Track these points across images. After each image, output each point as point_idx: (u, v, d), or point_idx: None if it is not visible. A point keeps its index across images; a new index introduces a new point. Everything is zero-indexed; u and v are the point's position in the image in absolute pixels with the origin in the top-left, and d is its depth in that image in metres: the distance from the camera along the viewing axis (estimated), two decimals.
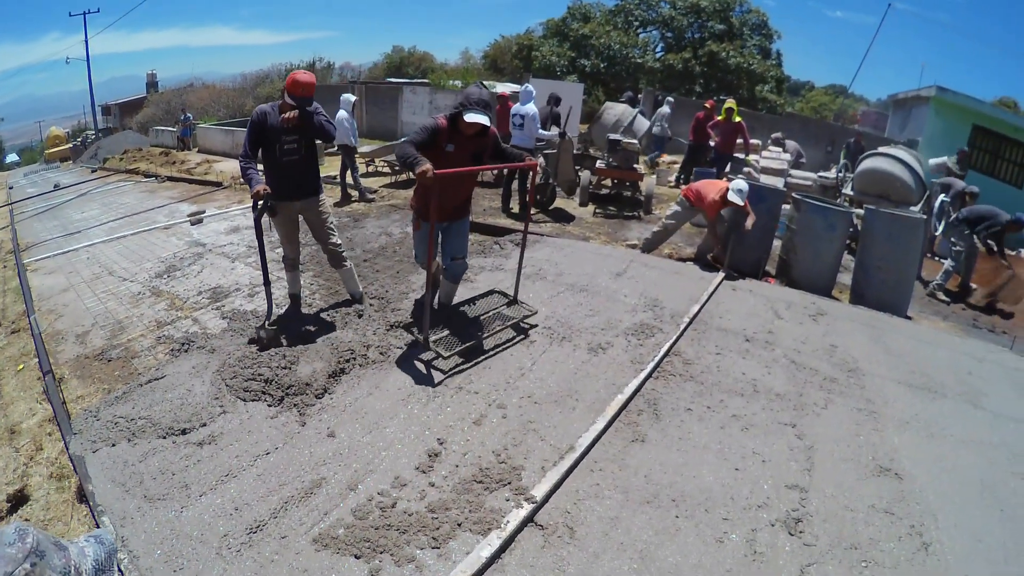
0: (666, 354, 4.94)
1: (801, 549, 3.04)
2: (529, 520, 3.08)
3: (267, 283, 4.94)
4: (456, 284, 5.26)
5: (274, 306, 5.06)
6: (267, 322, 4.89)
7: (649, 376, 4.58)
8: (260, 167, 4.72)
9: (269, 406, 3.98)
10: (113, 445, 3.61)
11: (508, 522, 3.00)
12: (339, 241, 5.33)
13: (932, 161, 11.47)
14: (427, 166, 3.95)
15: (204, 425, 3.78)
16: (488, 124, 4.31)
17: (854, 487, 3.57)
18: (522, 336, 5.09)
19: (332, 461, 3.44)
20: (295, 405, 3.99)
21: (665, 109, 15.24)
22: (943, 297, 8.41)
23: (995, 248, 8.53)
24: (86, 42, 34.53)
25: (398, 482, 3.29)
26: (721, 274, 7.09)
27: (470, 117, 4.23)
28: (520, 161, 4.88)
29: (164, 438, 3.66)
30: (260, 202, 4.54)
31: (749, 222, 7.02)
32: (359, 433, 3.71)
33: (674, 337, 5.23)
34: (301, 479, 3.29)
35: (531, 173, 5.05)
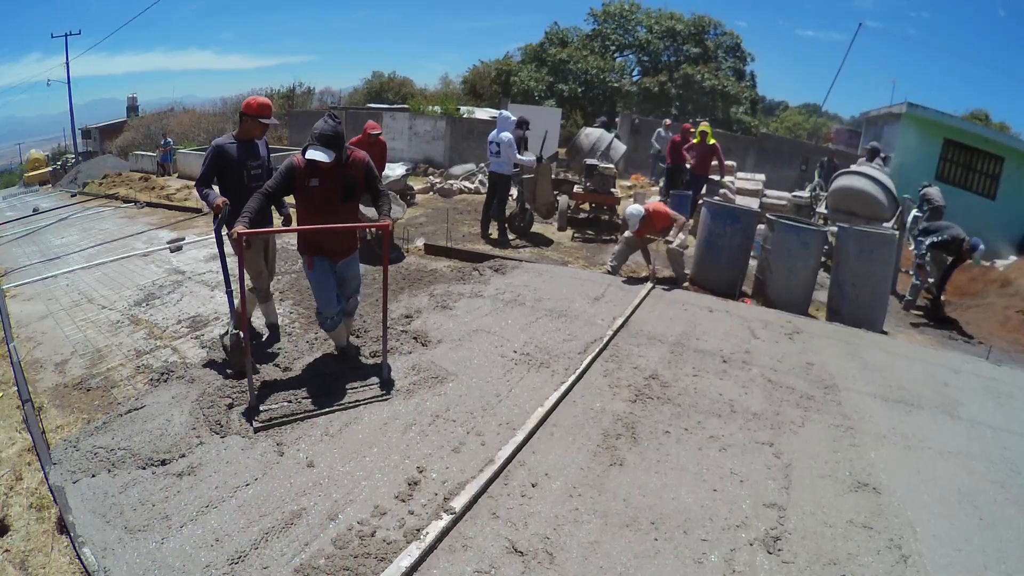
0: (595, 358, 4.98)
1: (780, 567, 3.05)
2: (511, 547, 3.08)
3: (229, 290, 4.98)
4: (350, 318, 5.17)
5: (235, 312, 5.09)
6: (231, 329, 4.91)
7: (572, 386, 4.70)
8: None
9: (246, 437, 3.96)
10: (93, 476, 3.58)
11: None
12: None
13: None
14: (235, 229, 3.90)
15: (183, 456, 3.75)
16: (328, 160, 4.10)
17: (832, 503, 3.60)
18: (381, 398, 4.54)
19: (312, 491, 3.43)
20: (272, 435, 3.97)
21: (661, 131, 15.50)
22: (916, 311, 8.51)
23: (924, 260, 8.55)
24: (67, 64, 34.43)
25: (378, 511, 3.28)
26: (649, 284, 7.51)
27: (309, 155, 4.11)
28: (382, 196, 4.58)
29: (144, 469, 3.63)
30: (220, 215, 4.72)
31: (673, 239, 7.61)
32: (338, 462, 3.70)
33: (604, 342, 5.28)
34: (281, 510, 3.26)
35: (388, 232, 4.48)
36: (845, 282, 7.26)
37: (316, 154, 4.07)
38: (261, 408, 4.21)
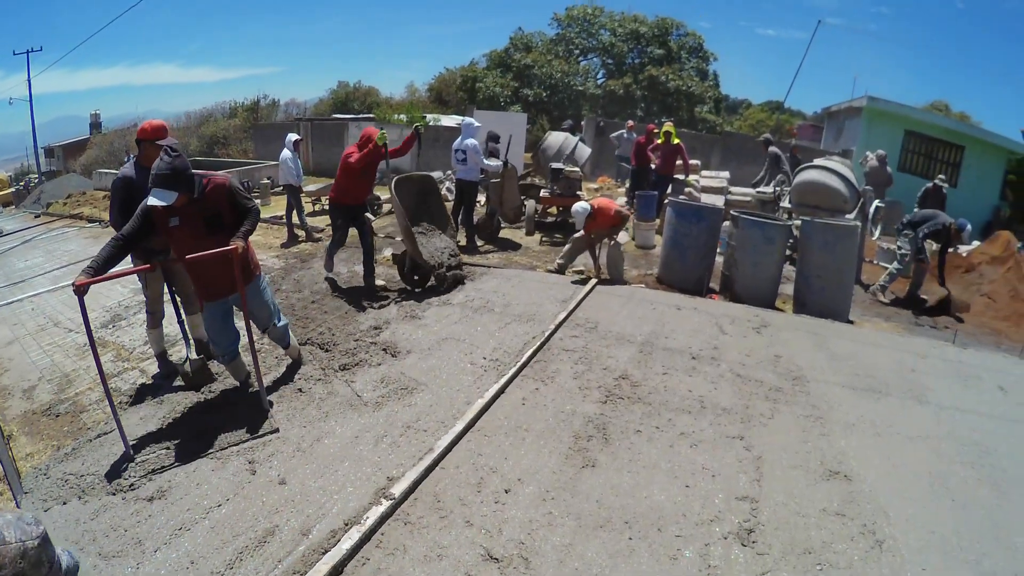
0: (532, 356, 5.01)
1: (755, 559, 3.08)
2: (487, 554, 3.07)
3: (180, 319, 5.01)
4: (288, 344, 5.01)
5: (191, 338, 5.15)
6: (189, 358, 4.87)
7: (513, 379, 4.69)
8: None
9: (216, 458, 3.90)
10: (64, 503, 3.54)
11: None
12: None
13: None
14: (76, 279, 3.67)
15: (152, 480, 3.70)
16: (169, 203, 3.77)
17: (804, 493, 3.64)
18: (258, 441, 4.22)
19: (284, 508, 3.39)
20: (244, 453, 3.92)
21: (624, 133, 15.60)
22: (883, 298, 8.61)
23: (930, 259, 8.65)
24: (28, 82, 33.77)
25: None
26: (594, 280, 7.64)
27: (150, 201, 3.74)
28: (250, 214, 4.25)
29: (114, 495, 3.58)
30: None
31: (618, 236, 7.78)
32: (310, 477, 3.66)
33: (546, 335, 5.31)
34: (255, 528, 3.23)
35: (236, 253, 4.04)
36: (810, 274, 7.36)
37: (154, 199, 3.72)
38: (137, 458, 3.94)
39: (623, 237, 7.73)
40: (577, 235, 7.94)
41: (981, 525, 3.45)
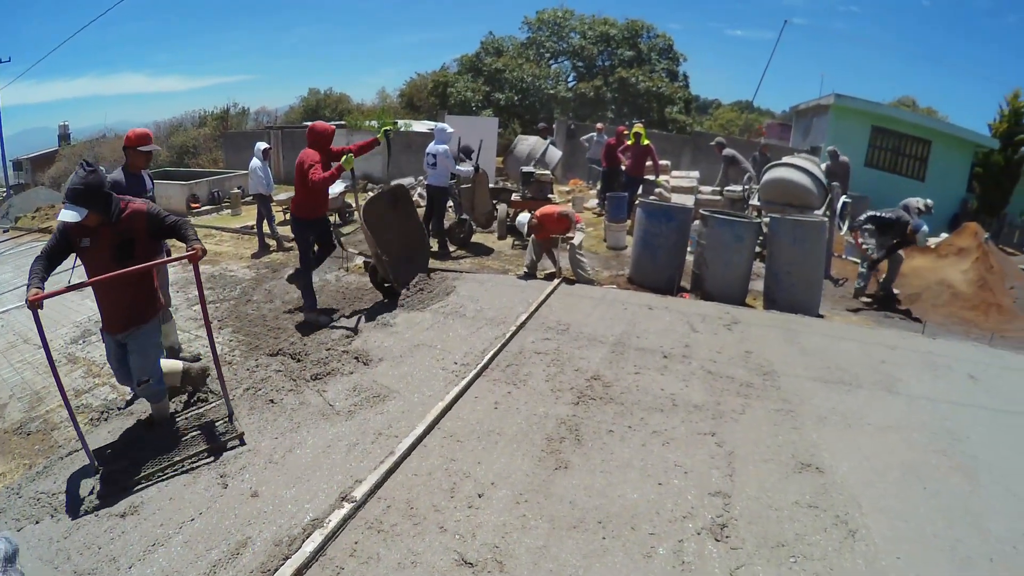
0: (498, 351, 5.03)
1: (728, 554, 3.10)
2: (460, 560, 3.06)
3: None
4: (159, 403, 4.40)
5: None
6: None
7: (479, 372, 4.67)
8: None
9: (188, 472, 3.86)
10: (37, 522, 3.48)
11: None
12: None
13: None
14: (31, 292, 3.55)
15: (125, 496, 3.65)
16: (79, 219, 3.59)
17: (777, 486, 3.68)
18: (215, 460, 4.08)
19: (257, 520, 3.36)
20: (215, 468, 3.88)
21: (594, 135, 15.67)
22: (865, 299, 8.67)
23: (871, 252, 8.68)
24: None
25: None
26: (557, 280, 7.72)
27: (61, 216, 3.60)
28: (179, 227, 4.04)
29: (87, 512, 3.53)
30: None
31: (575, 239, 7.82)
32: (283, 488, 3.63)
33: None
34: (228, 541, 3.20)
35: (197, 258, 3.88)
36: (780, 270, 7.44)
37: (65, 214, 3.57)
38: (104, 470, 3.84)
39: (579, 237, 7.74)
40: (532, 239, 7.99)
41: (954, 512, 3.51)
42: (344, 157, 6.15)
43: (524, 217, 7.92)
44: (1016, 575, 3.06)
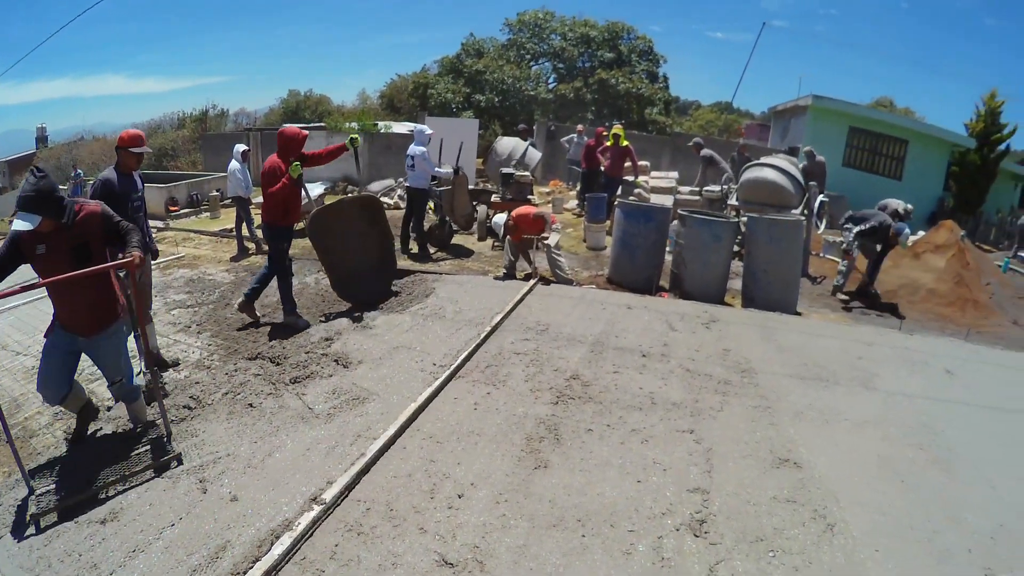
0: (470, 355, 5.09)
1: (707, 549, 3.13)
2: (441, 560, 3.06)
3: (136, 335, 4.80)
4: (134, 402, 4.38)
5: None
6: (141, 371, 4.82)
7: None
8: None
9: (166, 477, 3.83)
10: (16, 530, 3.43)
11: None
12: None
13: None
14: None
15: (104, 503, 3.62)
16: (32, 227, 3.51)
17: (755, 481, 3.72)
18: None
19: (236, 523, 3.34)
20: (194, 473, 3.85)
21: (575, 137, 15.72)
22: (843, 296, 8.73)
23: (856, 255, 8.72)
24: None
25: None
26: (533, 280, 7.77)
27: (14, 226, 3.53)
28: (128, 233, 3.96)
29: (67, 519, 3.49)
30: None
31: (550, 239, 7.84)
32: (262, 491, 3.61)
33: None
34: (208, 545, 3.18)
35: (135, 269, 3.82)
36: (758, 269, 7.52)
37: (18, 223, 3.49)
38: (39, 492, 3.70)
39: (555, 238, 7.77)
40: (508, 241, 8.03)
41: (931, 504, 3.58)
42: (291, 166, 6.01)
43: (500, 218, 7.95)
44: (994, 565, 3.11)
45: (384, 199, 14.09)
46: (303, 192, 6.37)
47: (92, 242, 3.85)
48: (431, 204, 10.14)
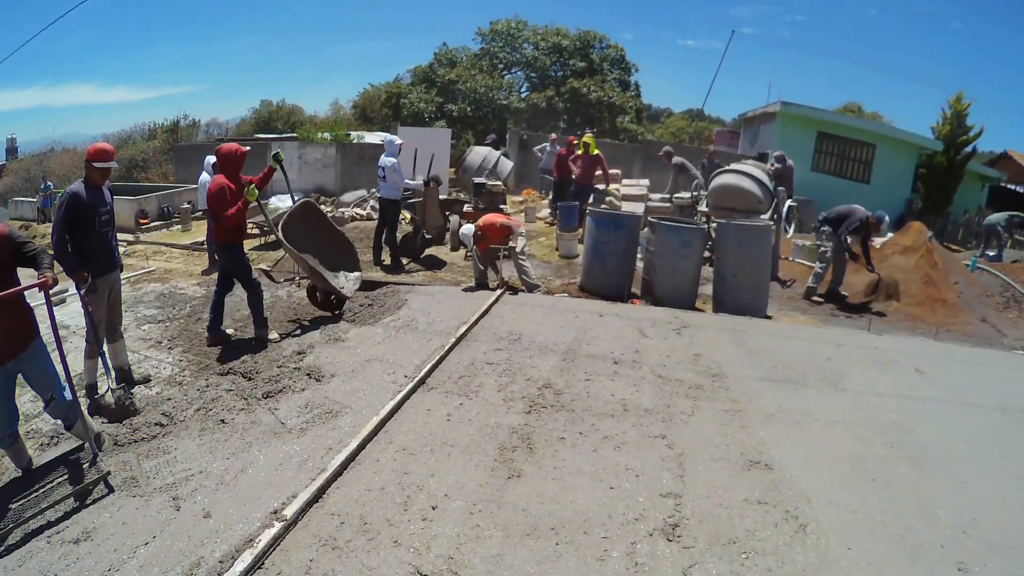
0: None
1: (681, 553, 3.16)
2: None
3: (101, 351, 4.96)
4: (77, 421, 4.18)
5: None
6: (110, 388, 4.75)
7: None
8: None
9: (140, 497, 3.78)
10: None
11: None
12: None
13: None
14: None
15: (77, 521, 3.57)
16: None
17: (727, 484, 3.77)
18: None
19: (209, 540, 3.31)
20: (167, 491, 3.81)
21: (547, 146, 15.79)
22: (817, 299, 8.86)
23: (854, 250, 8.88)
24: None
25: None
26: (500, 290, 7.80)
27: None
28: (38, 255, 3.96)
29: (39, 539, 3.44)
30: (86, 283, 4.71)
31: (516, 244, 7.94)
32: (234, 506, 3.59)
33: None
34: (182, 563, 3.15)
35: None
36: (727, 274, 7.63)
37: None
38: None
39: (521, 242, 7.83)
40: (475, 251, 8.06)
41: (904, 501, 3.65)
42: (247, 189, 5.98)
43: (468, 229, 7.94)
44: (967, 560, 3.18)
45: (357, 210, 14.06)
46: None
47: (2, 264, 3.73)
48: (406, 214, 10.14)
